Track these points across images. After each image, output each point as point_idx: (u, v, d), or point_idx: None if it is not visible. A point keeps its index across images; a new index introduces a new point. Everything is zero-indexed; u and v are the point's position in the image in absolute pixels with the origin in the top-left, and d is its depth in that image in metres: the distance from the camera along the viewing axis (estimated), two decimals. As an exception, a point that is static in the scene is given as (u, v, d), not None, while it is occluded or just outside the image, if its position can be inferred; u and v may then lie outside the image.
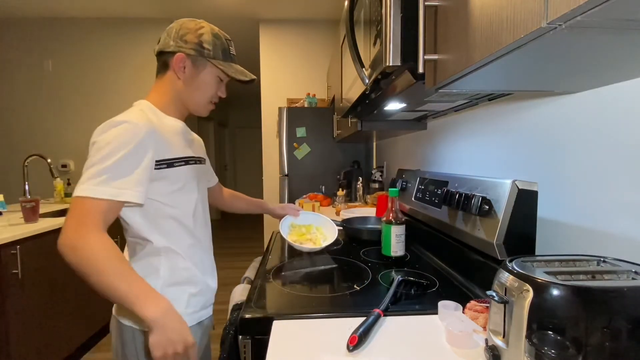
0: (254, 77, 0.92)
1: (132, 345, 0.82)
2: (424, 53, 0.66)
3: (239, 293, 0.93)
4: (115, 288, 0.65)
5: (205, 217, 0.97)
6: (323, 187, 2.82)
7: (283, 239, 1.38)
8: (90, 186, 0.68)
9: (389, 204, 1.07)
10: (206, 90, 0.88)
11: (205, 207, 0.99)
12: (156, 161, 0.78)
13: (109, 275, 0.65)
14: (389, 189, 1.09)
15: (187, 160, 0.88)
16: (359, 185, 2.45)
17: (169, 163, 0.82)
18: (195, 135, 1.05)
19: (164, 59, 0.86)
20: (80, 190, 0.68)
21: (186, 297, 0.85)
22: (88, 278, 0.65)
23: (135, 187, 0.73)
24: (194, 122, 5.36)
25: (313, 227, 1.31)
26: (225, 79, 0.90)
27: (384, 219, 1.08)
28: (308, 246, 1.19)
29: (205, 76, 0.86)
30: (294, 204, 1.71)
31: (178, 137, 0.88)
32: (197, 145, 1.01)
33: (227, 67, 0.87)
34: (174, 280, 0.83)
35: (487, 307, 0.65)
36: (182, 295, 0.84)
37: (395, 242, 1.06)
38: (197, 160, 0.95)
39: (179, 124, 0.90)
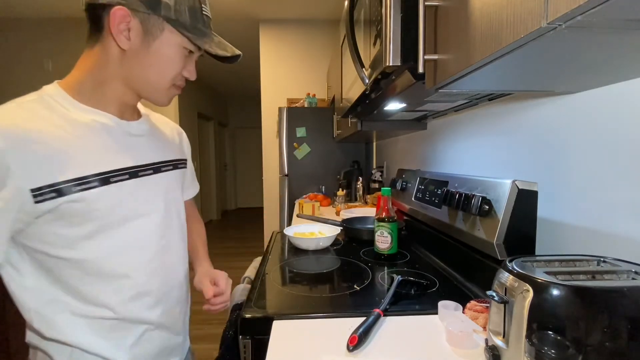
0: (237, 52, 0.64)
1: None
2: (424, 53, 0.66)
3: (239, 293, 0.93)
4: None
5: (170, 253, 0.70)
6: (323, 187, 2.82)
7: (283, 239, 1.38)
8: None
9: (381, 203, 1.09)
10: (166, 66, 0.60)
11: (170, 234, 0.70)
12: (34, 190, 0.51)
13: None
14: (382, 189, 1.12)
15: (106, 178, 0.58)
16: (359, 185, 2.45)
17: (67, 188, 0.53)
18: (161, 127, 0.76)
19: (95, 15, 0.57)
20: None
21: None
22: None
23: None
24: (192, 120, 5.28)
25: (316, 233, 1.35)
26: (195, 51, 0.62)
27: (376, 216, 1.09)
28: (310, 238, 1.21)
29: (164, 46, 0.58)
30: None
31: (96, 141, 0.59)
32: (154, 145, 0.70)
33: (196, 37, 0.59)
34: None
35: (487, 307, 0.65)
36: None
37: (387, 240, 1.07)
38: (141, 171, 0.64)
39: (105, 120, 0.61)
